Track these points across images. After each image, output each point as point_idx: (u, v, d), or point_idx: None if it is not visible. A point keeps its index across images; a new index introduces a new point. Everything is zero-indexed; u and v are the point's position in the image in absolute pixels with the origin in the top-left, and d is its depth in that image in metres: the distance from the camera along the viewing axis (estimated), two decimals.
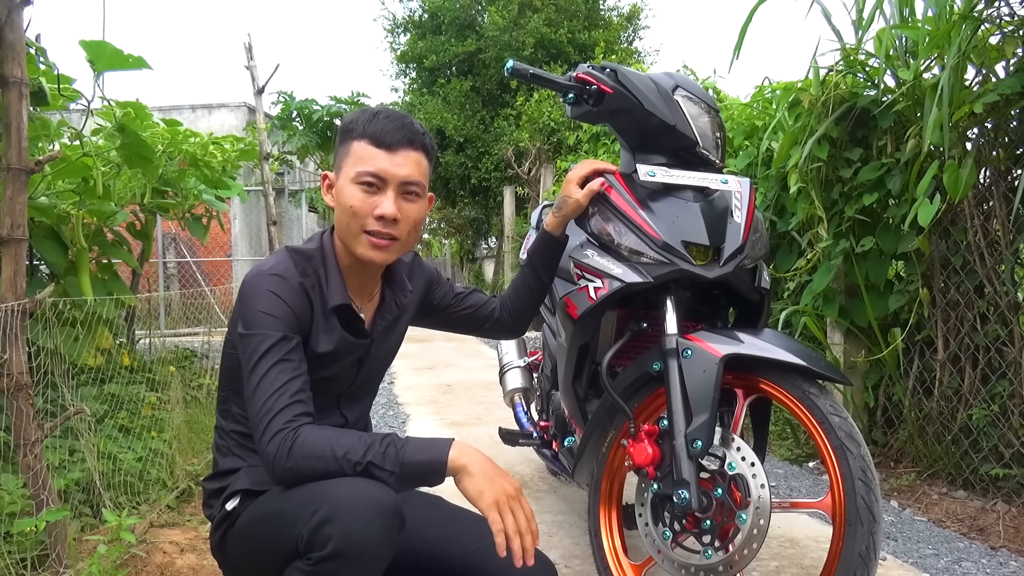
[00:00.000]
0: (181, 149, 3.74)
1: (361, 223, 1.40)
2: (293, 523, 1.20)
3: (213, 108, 12.14)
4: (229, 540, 1.43)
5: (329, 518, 1.16)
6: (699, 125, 1.75)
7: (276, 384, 1.30)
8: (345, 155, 1.43)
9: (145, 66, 2.67)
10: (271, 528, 1.30)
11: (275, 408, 1.27)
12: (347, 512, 1.16)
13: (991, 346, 2.70)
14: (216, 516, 1.46)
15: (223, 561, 1.49)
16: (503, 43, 15.24)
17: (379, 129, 1.40)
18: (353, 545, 1.14)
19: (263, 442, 1.26)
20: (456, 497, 1.38)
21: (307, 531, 1.17)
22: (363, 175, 1.39)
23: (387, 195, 1.40)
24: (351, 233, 1.42)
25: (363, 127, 1.41)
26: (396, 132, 1.41)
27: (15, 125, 1.81)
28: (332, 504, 1.17)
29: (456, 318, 1.80)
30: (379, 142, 1.40)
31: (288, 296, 1.38)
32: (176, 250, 10.37)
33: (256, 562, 1.37)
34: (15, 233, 1.81)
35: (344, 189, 1.41)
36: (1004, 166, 2.69)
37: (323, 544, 1.15)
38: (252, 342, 1.33)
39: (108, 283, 3.36)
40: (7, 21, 1.80)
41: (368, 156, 1.40)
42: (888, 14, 2.98)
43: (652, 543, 1.62)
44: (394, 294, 1.58)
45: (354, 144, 1.41)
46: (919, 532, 2.48)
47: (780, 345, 1.55)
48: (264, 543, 1.32)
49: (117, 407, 2.92)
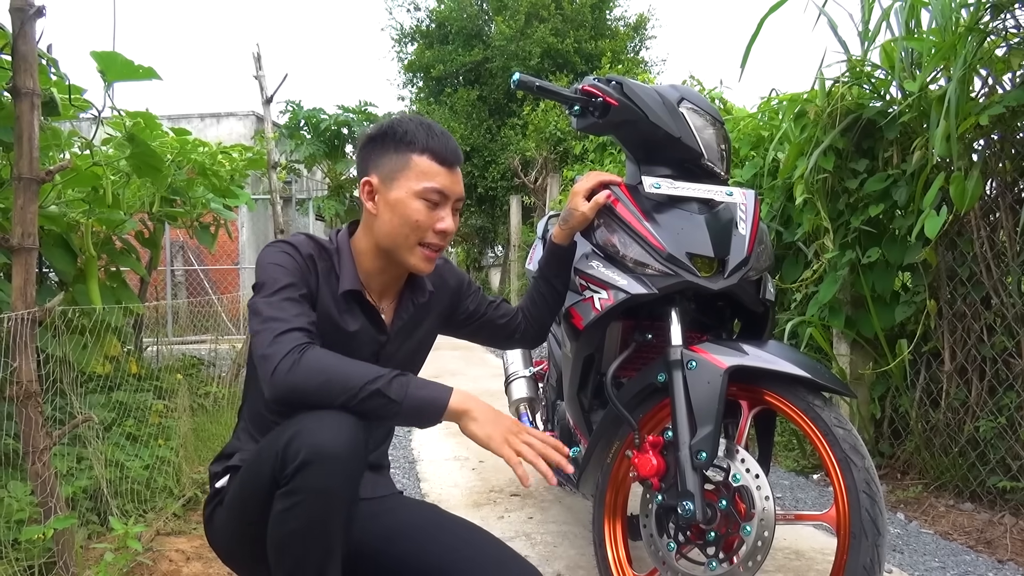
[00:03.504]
0: (190, 158, 3.77)
1: (420, 236, 1.45)
2: (268, 457, 1.25)
3: (222, 117, 12.23)
4: (216, 516, 1.47)
5: (296, 434, 1.22)
6: (704, 137, 1.76)
7: (286, 311, 1.34)
8: (404, 168, 1.45)
9: (155, 76, 2.69)
10: (249, 475, 1.34)
11: (283, 327, 1.31)
12: (311, 428, 1.22)
13: (998, 358, 2.69)
14: (209, 495, 1.51)
15: (211, 537, 1.52)
16: (510, 53, 15.31)
17: (441, 147, 1.46)
18: (319, 452, 1.19)
19: (268, 355, 1.28)
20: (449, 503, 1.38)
21: (280, 452, 1.22)
22: (430, 191, 1.44)
23: (447, 210, 1.47)
24: (407, 245, 1.46)
25: (424, 142, 1.45)
26: (454, 150, 1.48)
27: (27, 135, 1.83)
28: (298, 425, 1.24)
29: (486, 328, 1.80)
30: (442, 159, 1.45)
31: (298, 258, 1.43)
32: (184, 258, 10.43)
33: (238, 526, 1.40)
34: (26, 242, 1.83)
35: (408, 202, 1.44)
36: (1010, 178, 2.69)
37: (293, 458, 1.20)
38: (263, 289, 1.38)
39: (116, 291, 3.38)
40: (20, 33, 1.82)
41: (434, 172, 1.45)
42: (894, 26, 2.99)
43: (656, 554, 1.62)
44: (412, 293, 1.60)
45: (415, 158, 1.44)
46: (925, 545, 2.46)
47: (785, 357, 1.56)
48: (243, 498, 1.35)
49: (124, 415, 2.93)
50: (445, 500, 2.87)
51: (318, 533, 1.22)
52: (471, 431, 1.31)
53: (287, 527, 1.22)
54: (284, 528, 1.23)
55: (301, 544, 1.23)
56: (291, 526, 1.22)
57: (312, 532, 1.22)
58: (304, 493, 1.20)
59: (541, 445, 1.31)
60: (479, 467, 3.38)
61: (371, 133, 1.51)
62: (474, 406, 1.32)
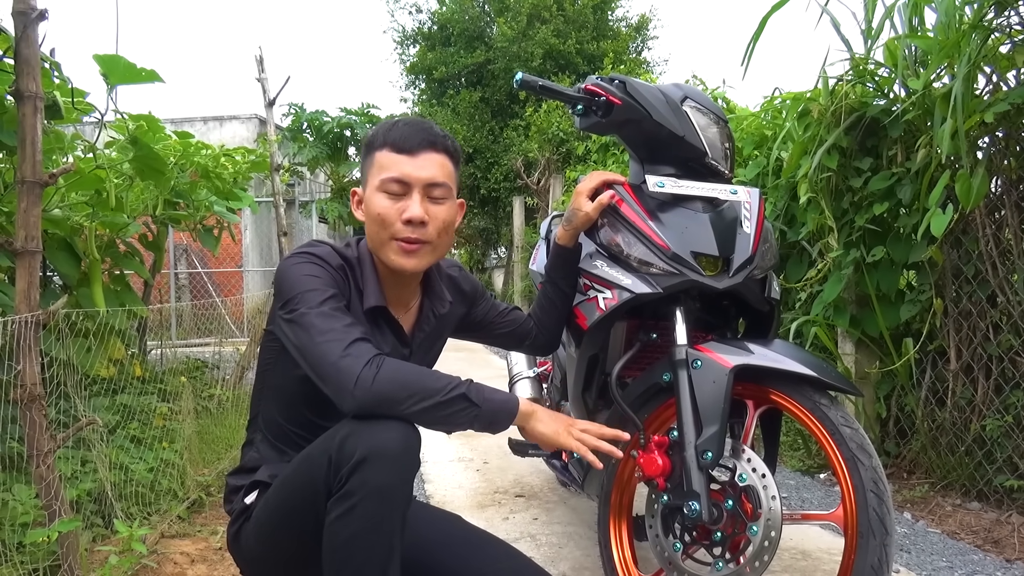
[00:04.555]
0: (193, 161, 3.77)
1: (390, 231, 1.42)
2: (316, 464, 1.24)
3: (224, 120, 12.24)
4: (244, 533, 1.43)
5: (349, 435, 1.22)
6: (708, 136, 1.75)
7: (341, 321, 1.32)
8: (369, 167, 1.45)
9: (158, 79, 2.69)
10: (292, 487, 1.32)
11: (348, 338, 1.29)
12: (366, 428, 1.23)
13: (1004, 356, 2.68)
14: (235, 511, 1.47)
15: (238, 555, 1.49)
16: (512, 54, 15.30)
17: (399, 135, 1.43)
18: (376, 449, 1.19)
19: (342, 367, 1.26)
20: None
21: (334, 455, 1.21)
22: (387, 182, 1.41)
23: (412, 198, 1.42)
24: (381, 242, 1.44)
25: (383, 136, 1.44)
26: (415, 135, 1.43)
27: (30, 139, 1.83)
28: (349, 428, 1.24)
29: (498, 334, 1.83)
30: (400, 148, 1.42)
31: (329, 269, 1.41)
32: (188, 261, 10.44)
33: (271, 546, 1.38)
34: (29, 245, 1.83)
35: (371, 199, 1.44)
36: (1016, 175, 2.67)
37: (348, 458, 1.19)
38: (302, 301, 1.34)
39: (120, 294, 3.38)
40: (22, 36, 1.82)
41: (390, 163, 1.42)
42: (897, 23, 2.98)
43: (662, 555, 1.62)
44: (432, 304, 1.59)
45: (376, 154, 1.44)
46: (933, 544, 2.45)
47: (790, 356, 1.55)
48: (287, 511, 1.33)
49: (129, 418, 2.93)
50: (450, 501, 2.87)
51: (379, 534, 1.20)
52: (539, 431, 1.38)
53: (346, 532, 1.20)
54: (343, 534, 1.20)
55: (361, 547, 1.19)
56: (351, 530, 1.19)
57: (373, 533, 1.19)
58: (361, 493, 1.18)
59: (596, 429, 1.41)
60: (483, 468, 3.37)
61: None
62: (538, 408, 1.39)
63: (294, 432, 1.49)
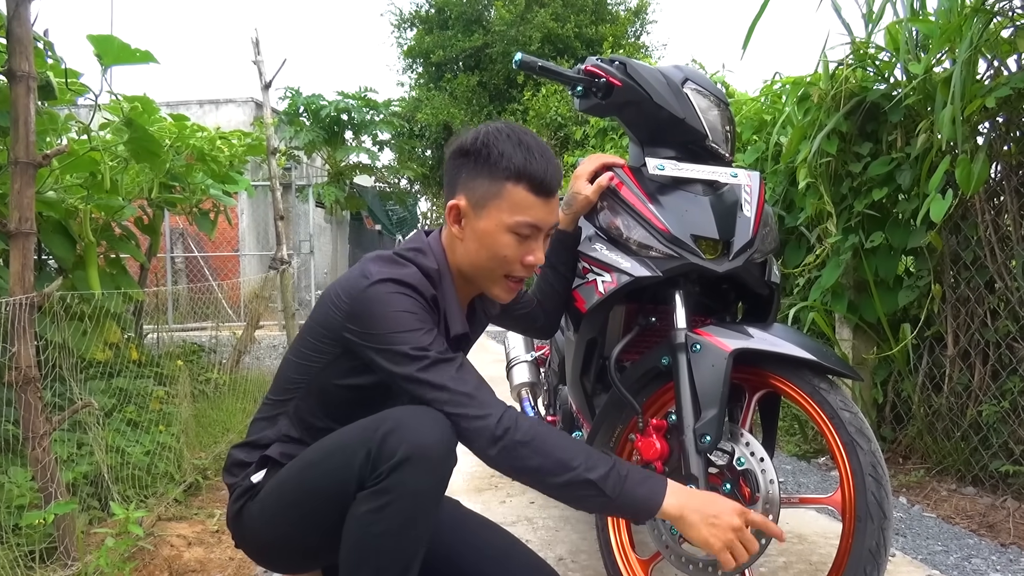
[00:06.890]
0: (188, 144, 3.75)
1: (507, 269, 1.39)
2: (356, 450, 1.22)
3: (220, 103, 12.16)
4: (249, 511, 1.40)
5: (393, 430, 1.21)
6: (709, 118, 1.74)
7: (468, 374, 1.30)
8: (496, 196, 1.34)
9: (152, 60, 2.67)
10: (322, 470, 1.29)
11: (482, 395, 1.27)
12: (412, 425, 1.21)
13: (1001, 342, 2.68)
14: (240, 487, 1.43)
15: (238, 532, 1.46)
16: (510, 38, 15.24)
17: (539, 173, 1.34)
18: (421, 450, 1.19)
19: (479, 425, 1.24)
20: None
21: (375, 449, 1.20)
22: (522, 225, 1.35)
23: (538, 243, 1.39)
24: (492, 277, 1.40)
25: (520, 168, 1.33)
26: (554, 177, 1.36)
27: (23, 119, 1.81)
28: (395, 419, 1.23)
29: (516, 316, 1.81)
30: (539, 190, 1.34)
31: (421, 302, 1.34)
32: (184, 245, 10.40)
33: (279, 525, 1.35)
34: (23, 227, 1.81)
35: (497, 235, 1.35)
36: (1016, 160, 2.66)
37: (390, 455, 1.18)
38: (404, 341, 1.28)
39: (116, 277, 3.37)
40: (14, 15, 1.80)
41: (528, 205, 1.34)
42: (898, 7, 2.96)
43: (659, 538, 1.62)
44: (484, 305, 1.60)
45: (510, 187, 1.34)
46: (928, 528, 2.46)
47: (790, 340, 1.54)
48: (309, 493, 1.30)
49: (125, 401, 2.93)
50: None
51: (407, 534, 1.20)
52: (688, 536, 1.27)
53: (376, 527, 1.19)
54: (371, 529, 1.19)
55: (388, 545, 1.19)
56: (381, 527, 1.19)
57: (402, 532, 1.19)
58: (398, 492, 1.18)
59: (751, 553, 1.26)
60: None
61: (463, 146, 1.39)
62: (688, 512, 1.25)
63: (328, 429, 1.40)
